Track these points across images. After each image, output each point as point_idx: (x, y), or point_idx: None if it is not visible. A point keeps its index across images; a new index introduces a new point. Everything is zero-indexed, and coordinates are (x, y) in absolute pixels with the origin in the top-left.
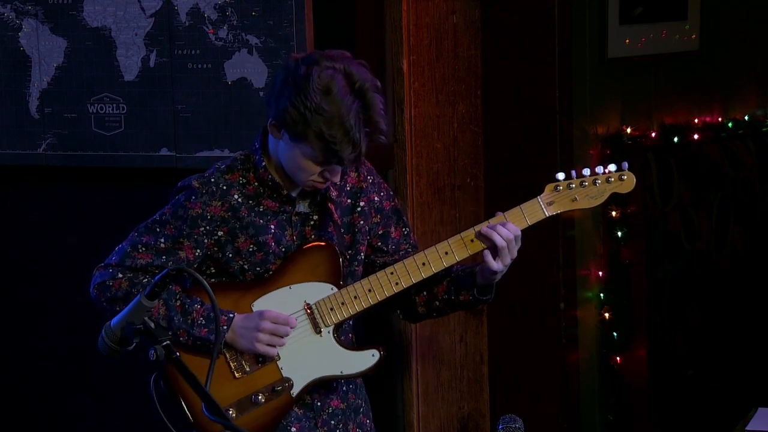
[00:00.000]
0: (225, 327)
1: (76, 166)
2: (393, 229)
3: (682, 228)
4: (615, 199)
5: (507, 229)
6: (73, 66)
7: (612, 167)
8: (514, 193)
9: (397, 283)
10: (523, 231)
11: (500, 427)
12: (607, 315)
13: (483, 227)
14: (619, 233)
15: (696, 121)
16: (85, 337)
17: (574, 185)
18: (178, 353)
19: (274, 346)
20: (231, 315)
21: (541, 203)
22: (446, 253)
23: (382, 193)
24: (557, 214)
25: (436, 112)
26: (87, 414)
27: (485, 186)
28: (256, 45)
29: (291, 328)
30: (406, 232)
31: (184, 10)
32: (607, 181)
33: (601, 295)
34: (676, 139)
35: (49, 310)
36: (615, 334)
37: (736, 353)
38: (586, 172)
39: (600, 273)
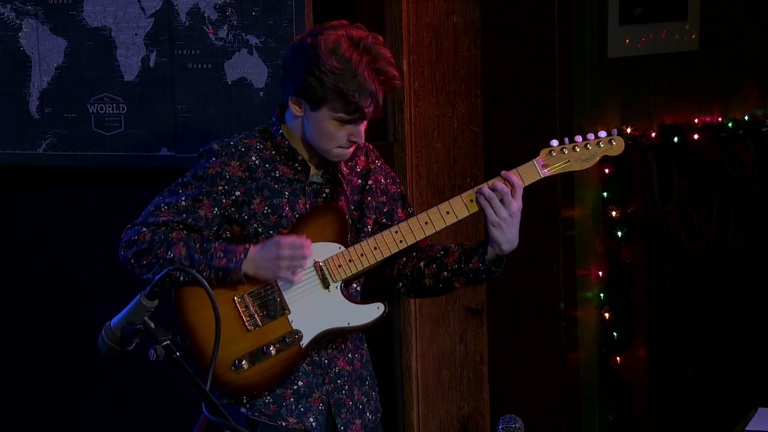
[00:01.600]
0: (243, 255)
1: (76, 166)
2: (399, 210)
3: (682, 228)
4: (615, 199)
5: (497, 184)
6: (73, 66)
7: (602, 133)
8: None
9: (401, 241)
10: (522, 213)
11: (500, 427)
12: (607, 315)
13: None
14: (619, 233)
15: (696, 121)
16: (85, 336)
17: (566, 150)
18: (178, 353)
19: (295, 271)
20: (248, 246)
21: (536, 165)
22: (447, 212)
23: (388, 179)
24: (559, 212)
25: (436, 112)
26: (86, 413)
27: None
28: (256, 45)
29: (307, 247)
30: (410, 212)
31: (184, 10)
32: (598, 144)
33: (601, 295)
34: (676, 139)
35: (49, 310)
36: (615, 334)
37: (736, 353)
38: (579, 138)
39: (600, 273)
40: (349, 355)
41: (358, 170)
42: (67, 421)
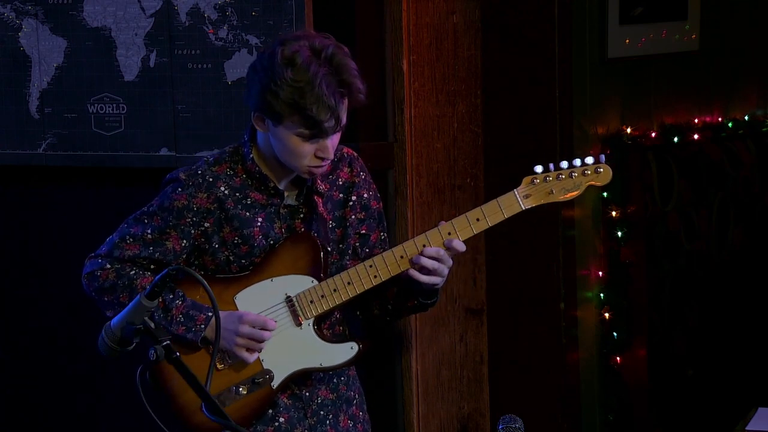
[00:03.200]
0: (203, 326)
1: (76, 166)
2: (374, 234)
3: (682, 228)
4: (615, 199)
5: (438, 251)
6: (73, 66)
7: (589, 160)
8: None
9: (375, 276)
10: (513, 218)
11: (500, 427)
12: (607, 315)
13: (414, 257)
14: (619, 233)
15: (696, 121)
16: (84, 337)
17: (550, 178)
18: (178, 353)
19: (252, 350)
20: (210, 314)
21: (518, 196)
22: (423, 245)
23: (370, 192)
24: (559, 212)
25: (436, 112)
26: (86, 414)
27: (485, 186)
28: (256, 45)
29: (270, 331)
30: (383, 237)
31: (184, 10)
32: (584, 173)
33: (601, 295)
34: (676, 139)
35: (49, 310)
36: (615, 334)
37: (736, 353)
38: (564, 164)
39: (600, 273)
40: (334, 380)
41: (340, 183)
42: (68, 421)
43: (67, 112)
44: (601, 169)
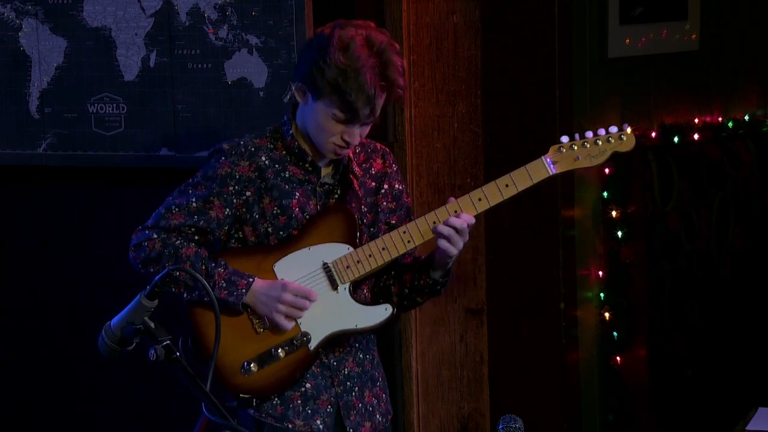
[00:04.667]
0: (244, 290)
1: (76, 166)
2: (401, 224)
3: (682, 228)
4: (615, 199)
5: (455, 220)
6: (73, 66)
7: (613, 129)
8: None
9: (409, 242)
10: (513, 218)
11: (500, 427)
12: (607, 315)
13: (439, 225)
14: (619, 233)
15: (696, 121)
16: (85, 337)
17: (576, 146)
18: (178, 353)
19: (293, 318)
20: (251, 279)
21: (545, 162)
22: (455, 211)
23: (403, 185)
24: (559, 212)
25: (436, 112)
26: (86, 414)
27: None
28: (256, 45)
29: (312, 301)
30: None
31: (184, 10)
32: (608, 140)
33: (601, 295)
34: (676, 139)
35: (49, 310)
36: (615, 334)
37: (735, 353)
38: (589, 134)
39: (600, 273)
40: (360, 356)
41: (373, 173)
42: (68, 421)
43: (67, 112)
44: (625, 136)
